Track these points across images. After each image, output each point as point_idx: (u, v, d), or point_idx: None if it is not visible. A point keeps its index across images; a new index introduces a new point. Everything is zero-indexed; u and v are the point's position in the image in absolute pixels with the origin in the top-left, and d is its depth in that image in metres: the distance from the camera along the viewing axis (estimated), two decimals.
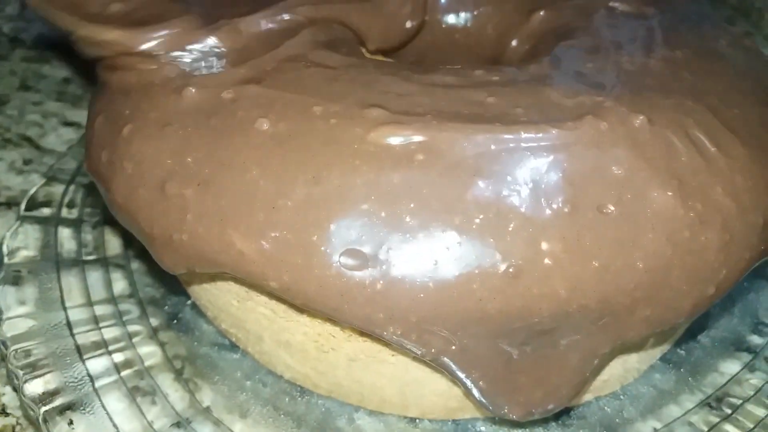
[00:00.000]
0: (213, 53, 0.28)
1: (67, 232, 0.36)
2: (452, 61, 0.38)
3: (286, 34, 0.29)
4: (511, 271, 0.23)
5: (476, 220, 0.23)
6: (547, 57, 0.29)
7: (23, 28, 0.60)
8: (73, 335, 0.31)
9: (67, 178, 0.39)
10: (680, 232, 0.24)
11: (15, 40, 0.58)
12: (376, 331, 0.23)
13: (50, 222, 0.36)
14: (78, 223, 0.37)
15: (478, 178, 0.23)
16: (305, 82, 0.26)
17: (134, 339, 0.31)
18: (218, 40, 0.28)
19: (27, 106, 0.50)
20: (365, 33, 0.33)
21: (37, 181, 0.39)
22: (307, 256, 0.23)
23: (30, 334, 0.30)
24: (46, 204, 0.37)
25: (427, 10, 0.36)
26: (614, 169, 0.24)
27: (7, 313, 0.31)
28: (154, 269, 0.35)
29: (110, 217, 0.37)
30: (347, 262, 0.23)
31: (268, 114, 0.25)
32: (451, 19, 0.38)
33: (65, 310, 0.32)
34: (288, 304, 0.26)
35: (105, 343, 0.31)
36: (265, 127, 0.25)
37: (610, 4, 0.34)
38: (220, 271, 0.24)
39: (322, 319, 0.26)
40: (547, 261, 0.23)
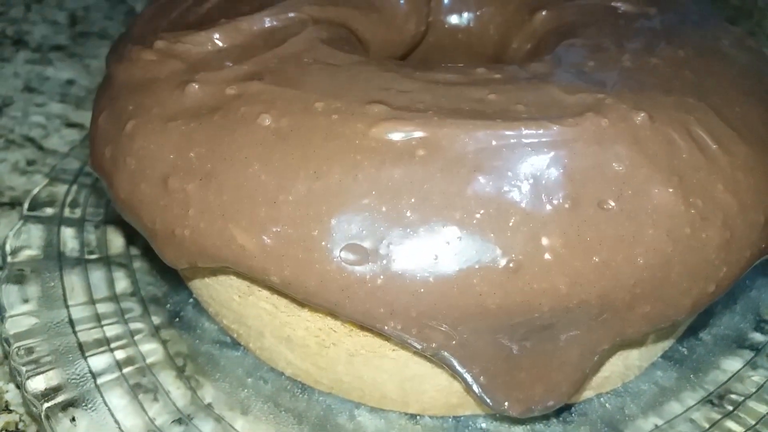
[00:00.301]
0: (215, 50, 0.28)
1: (70, 232, 0.36)
2: (454, 61, 0.38)
3: (290, 32, 0.29)
4: (511, 266, 0.23)
5: (477, 216, 0.23)
6: (549, 55, 0.30)
7: (26, 31, 0.60)
8: (76, 333, 0.31)
9: (70, 178, 0.39)
10: (681, 229, 0.24)
11: (19, 43, 0.59)
12: (377, 326, 0.23)
13: (53, 221, 0.36)
14: (80, 223, 0.37)
15: (479, 174, 0.23)
16: (307, 79, 0.26)
17: (136, 336, 0.32)
18: (219, 38, 0.28)
19: (30, 108, 0.50)
20: (368, 41, 0.33)
21: (40, 182, 0.39)
22: (308, 250, 0.23)
23: (33, 332, 0.30)
24: (49, 204, 0.37)
25: (431, 12, 0.36)
26: (615, 165, 0.24)
27: (10, 311, 0.31)
28: (156, 268, 0.36)
29: (112, 216, 0.37)
30: (348, 256, 0.23)
31: (270, 110, 0.25)
32: (454, 19, 0.38)
33: (68, 308, 0.32)
34: (289, 299, 0.27)
35: (107, 340, 0.31)
36: (267, 123, 0.25)
37: (611, 4, 0.34)
38: (221, 266, 0.25)
39: (323, 314, 0.26)
40: (547, 256, 0.23)
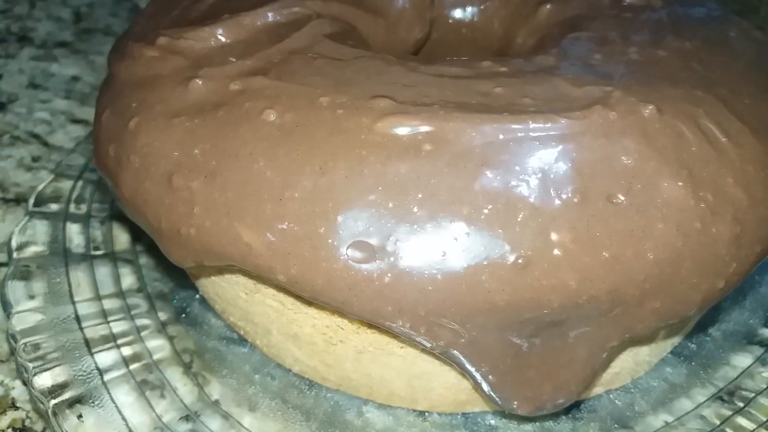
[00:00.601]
0: (218, 46, 0.28)
1: (76, 228, 0.36)
2: (459, 56, 0.37)
3: (293, 27, 0.29)
4: (520, 262, 0.22)
5: (485, 211, 0.23)
6: (555, 48, 0.29)
7: (31, 28, 0.60)
8: (82, 329, 0.31)
9: (75, 174, 0.39)
10: (691, 223, 0.23)
11: (23, 39, 0.58)
12: (385, 324, 0.23)
13: (58, 217, 0.36)
14: (86, 219, 0.37)
15: (486, 168, 0.23)
16: (312, 74, 0.26)
17: (143, 333, 0.31)
18: (222, 33, 0.28)
19: (35, 104, 0.50)
20: (371, 41, 0.33)
21: (46, 178, 0.39)
22: (314, 248, 0.23)
23: (39, 328, 0.30)
24: (55, 200, 0.37)
25: (435, 6, 0.36)
26: (624, 158, 0.24)
27: (16, 307, 0.31)
28: (162, 264, 0.35)
29: (118, 212, 0.37)
30: (355, 254, 0.22)
31: (274, 105, 0.25)
32: (458, 13, 0.38)
33: (74, 305, 0.32)
34: (296, 297, 0.26)
35: (114, 336, 0.31)
36: (271, 118, 0.25)
37: None
38: (228, 264, 0.24)
39: (331, 312, 0.26)
40: (556, 252, 0.22)
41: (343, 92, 0.25)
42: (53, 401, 0.27)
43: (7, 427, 0.30)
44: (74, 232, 0.36)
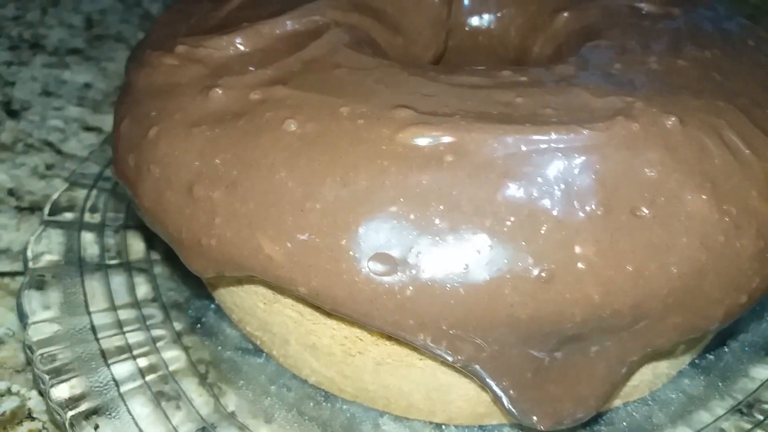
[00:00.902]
0: (237, 55, 0.28)
1: (90, 237, 0.36)
2: (476, 64, 0.37)
3: (312, 36, 0.29)
4: (543, 275, 0.22)
5: (507, 223, 0.22)
6: (574, 57, 0.29)
7: (43, 35, 0.60)
8: (98, 340, 0.31)
9: (90, 182, 0.39)
10: (715, 237, 0.23)
11: (36, 46, 0.59)
12: (407, 338, 0.23)
13: (73, 226, 0.36)
14: (101, 228, 0.37)
15: (509, 180, 0.23)
16: (332, 83, 0.26)
17: (158, 344, 0.31)
18: (242, 42, 0.28)
19: (48, 112, 0.50)
20: (389, 51, 0.32)
21: (59, 186, 0.39)
22: (335, 261, 0.22)
23: (55, 339, 0.30)
24: (69, 209, 0.37)
25: (452, 14, 0.36)
26: (647, 171, 0.23)
27: (32, 317, 0.31)
28: (177, 273, 0.35)
29: (132, 221, 0.37)
30: (376, 267, 0.22)
31: (295, 115, 0.25)
32: (475, 21, 0.38)
33: (89, 315, 0.32)
34: (315, 307, 0.26)
35: (129, 347, 0.31)
36: (292, 128, 0.24)
37: (635, 5, 0.34)
38: (248, 275, 0.24)
39: (350, 323, 0.26)
40: (580, 265, 0.22)
41: (364, 102, 0.25)
42: (70, 413, 0.27)
43: None
44: (89, 242, 0.36)
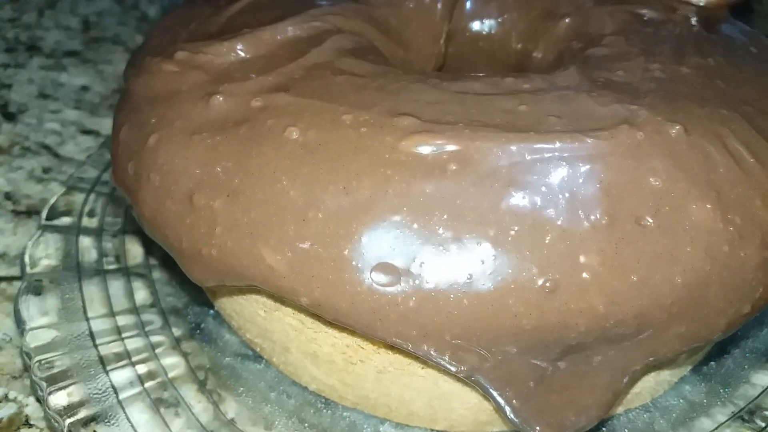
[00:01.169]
0: (238, 61, 0.28)
1: (88, 241, 0.36)
2: (476, 69, 0.37)
3: (314, 42, 0.28)
4: (548, 285, 0.22)
5: (512, 232, 0.22)
6: (576, 64, 0.29)
7: (40, 37, 0.60)
8: (96, 346, 0.30)
9: (87, 187, 0.39)
10: (719, 247, 0.23)
11: (32, 48, 0.58)
12: (410, 348, 0.23)
13: (71, 231, 0.36)
14: (99, 232, 0.37)
15: (513, 189, 0.23)
16: (334, 90, 0.26)
17: (157, 350, 0.31)
18: (242, 48, 0.28)
19: (45, 115, 0.50)
20: (390, 58, 0.32)
21: (57, 190, 0.39)
22: (338, 271, 0.22)
23: (53, 345, 0.30)
24: (67, 213, 0.37)
25: (452, 19, 0.36)
26: (652, 180, 0.23)
27: (29, 323, 0.30)
28: (175, 278, 0.35)
29: (131, 225, 0.37)
30: (379, 277, 0.22)
31: (297, 123, 0.24)
32: (476, 26, 0.37)
33: (87, 321, 0.31)
34: (317, 316, 0.26)
35: (128, 354, 0.30)
36: (294, 136, 0.24)
37: (636, 11, 0.34)
38: (249, 285, 0.24)
39: (351, 332, 0.26)
40: (585, 275, 0.22)
41: (366, 109, 0.25)
42: (68, 420, 0.27)
43: None
44: (87, 246, 0.36)
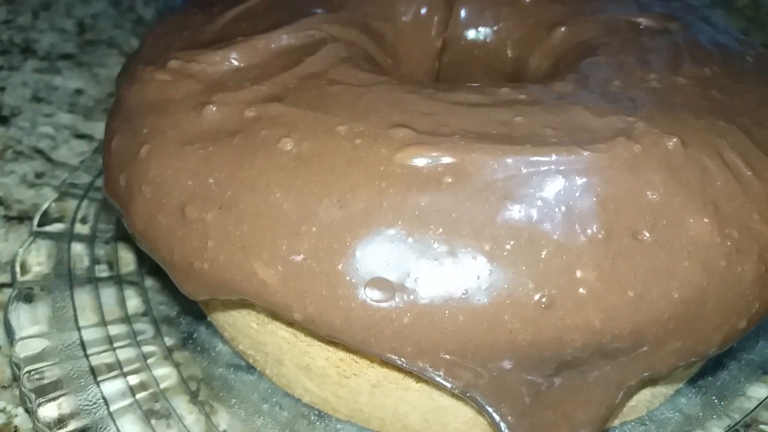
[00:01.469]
0: (232, 70, 0.27)
1: (80, 248, 0.36)
2: (471, 78, 0.37)
3: (308, 50, 0.28)
4: (544, 300, 0.22)
5: (507, 247, 0.22)
6: (572, 74, 0.29)
7: (34, 39, 0.59)
8: (87, 356, 0.30)
9: (80, 192, 0.38)
10: (716, 262, 0.23)
11: (26, 51, 0.58)
12: (404, 365, 0.22)
13: (63, 238, 0.36)
14: (91, 239, 0.36)
15: (509, 202, 0.23)
16: (328, 100, 0.26)
17: (149, 360, 0.31)
18: (236, 57, 0.28)
19: (39, 118, 0.50)
20: (385, 71, 0.32)
21: (49, 195, 0.38)
22: (331, 286, 0.22)
23: (43, 355, 0.29)
24: (59, 219, 0.37)
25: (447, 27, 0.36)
26: (649, 193, 0.23)
27: (19, 333, 0.30)
28: (168, 286, 0.35)
29: (123, 232, 0.36)
30: (373, 293, 0.22)
31: (291, 133, 0.24)
32: (471, 34, 0.37)
33: (79, 330, 0.31)
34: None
35: (119, 364, 0.30)
36: (288, 147, 0.24)
37: (632, 19, 0.33)
38: (242, 299, 0.24)
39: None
40: (581, 290, 0.22)
41: (361, 120, 0.24)
42: None
43: None
44: (79, 253, 0.35)
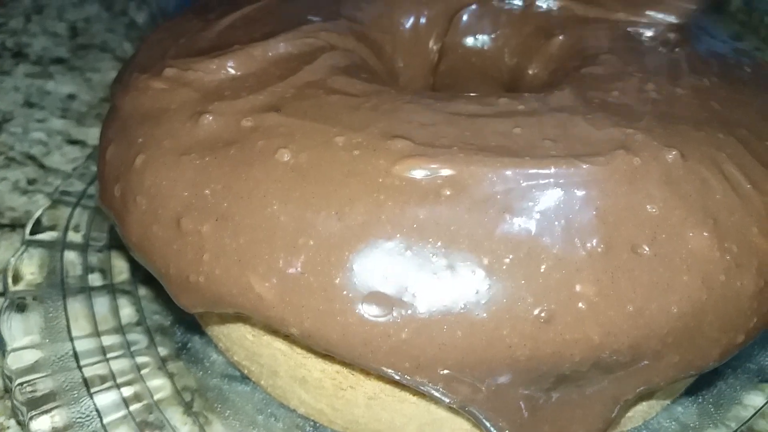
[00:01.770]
0: (229, 78, 0.27)
1: (73, 256, 0.35)
2: (469, 85, 0.37)
3: (306, 59, 0.28)
4: (543, 315, 0.22)
5: (506, 260, 0.22)
6: (571, 84, 0.29)
7: (26, 43, 0.59)
8: (81, 368, 0.30)
9: (73, 200, 0.38)
10: (716, 276, 0.23)
11: (18, 55, 0.57)
12: (402, 380, 0.22)
13: (56, 246, 0.35)
14: (84, 248, 0.36)
15: (508, 215, 0.22)
16: (326, 111, 0.25)
17: (143, 371, 0.30)
18: (233, 65, 0.27)
19: (31, 124, 0.49)
20: (383, 81, 0.32)
21: (42, 202, 0.38)
22: (329, 301, 0.22)
23: (36, 367, 0.29)
24: (51, 228, 0.36)
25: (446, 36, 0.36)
26: (648, 207, 0.23)
27: (11, 344, 0.30)
28: (162, 296, 0.34)
29: (117, 240, 0.36)
30: (371, 307, 0.22)
31: (288, 144, 0.24)
32: (469, 42, 0.37)
33: (72, 341, 0.31)
34: None
35: (113, 375, 0.30)
36: (285, 158, 0.24)
37: (629, 29, 0.33)
38: (238, 313, 0.23)
39: None
40: (580, 305, 0.22)
41: (359, 131, 0.24)
42: None
43: None
44: (72, 262, 0.35)
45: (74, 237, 0.36)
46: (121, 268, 0.36)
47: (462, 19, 0.37)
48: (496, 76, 0.37)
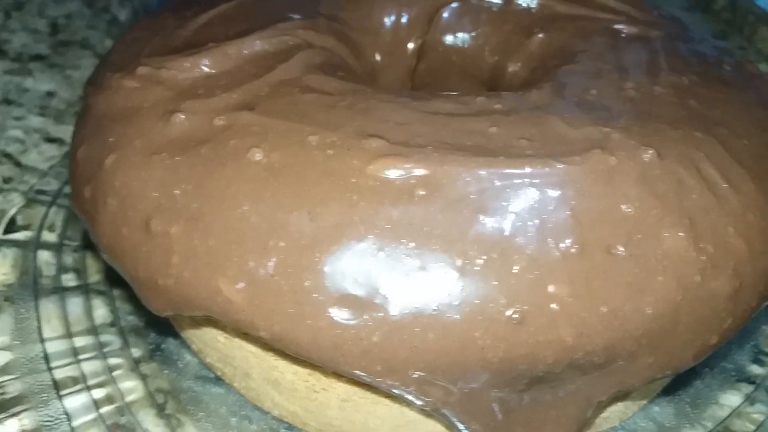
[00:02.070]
0: (202, 77, 0.27)
1: (47, 256, 0.35)
2: (448, 84, 0.36)
3: (281, 57, 0.28)
4: (515, 317, 0.21)
5: (479, 261, 0.22)
6: (549, 82, 0.28)
7: (5, 40, 0.58)
8: (51, 369, 0.29)
9: (49, 199, 0.37)
10: (691, 277, 0.23)
11: None
12: (374, 383, 0.22)
13: (29, 246, 0.35)
14: (58, 247, 0.35)
15: (482, 215, 0.22)
16: (301, 109, 0.25)
17: (115, 373, 0.30)
18: (208, 64, 0.27)
19: (8, 121, 0.48)
20: (360, 78, 0.32)
21: (17, 201, 0.38)
22: (299, 304, 0.21)
23: (6, 369, 0.29)
24: (25, 227, 0.36)
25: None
26: (624, 207, 0.23)
27: None
28: (137, 296, 0.34)
29: (91, 240, 0.36)
30: (342, 310, 0.21)
31: (261, 143, 0.24)
32: (449, 39, 0.37)
33: (42, 343, 0.30)
34: None
35: (84, 377, 0.29)
36: (258, 158, 0.23)
37: (610, 26, 0.33)
38: (208, 316, 0.23)
39: None
40: (553, 306, 0.21)
41: (334, 130, 0.24)
42: None
43: None
44: (45, 262, 0.34)
45: (49, 236, 0.36)
46: (96, 267, 0.35)
47: (442, 17, 0.37)
48: (477, 74, 0.37)
